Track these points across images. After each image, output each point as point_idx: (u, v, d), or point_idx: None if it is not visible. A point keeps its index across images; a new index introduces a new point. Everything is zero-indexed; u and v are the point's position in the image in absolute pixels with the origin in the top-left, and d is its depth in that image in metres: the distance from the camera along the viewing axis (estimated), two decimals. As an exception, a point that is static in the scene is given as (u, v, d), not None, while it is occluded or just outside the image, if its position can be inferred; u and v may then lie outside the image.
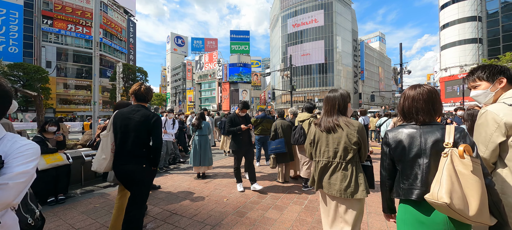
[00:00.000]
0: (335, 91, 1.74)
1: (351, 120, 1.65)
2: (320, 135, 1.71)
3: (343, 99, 1.70)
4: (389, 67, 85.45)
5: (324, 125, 1.69)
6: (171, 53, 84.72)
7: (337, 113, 1.68)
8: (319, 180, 1.71)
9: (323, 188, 1.68)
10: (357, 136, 1.58)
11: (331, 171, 1.64)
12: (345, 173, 1.59)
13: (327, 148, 1.66)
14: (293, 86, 15.61)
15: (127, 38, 47.63)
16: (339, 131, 1.62)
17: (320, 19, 52.23)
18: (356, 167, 1.61)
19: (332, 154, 1.64)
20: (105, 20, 41.01)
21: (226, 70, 56.46)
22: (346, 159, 1.59)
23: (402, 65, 15.01)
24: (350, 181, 1.57)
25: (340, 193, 1.57)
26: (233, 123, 3.75)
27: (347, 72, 56.04)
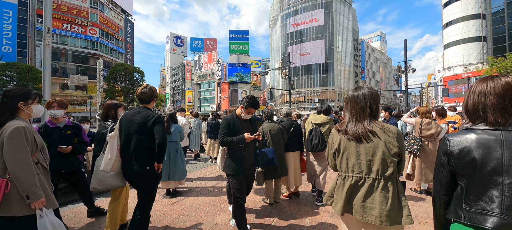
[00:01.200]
0: (362, 89, 1.41)
1: (387, 125, 1.33)
2: (347, 144, 1.38)
3: (374, 99, 1.38)
4: (390, 67, 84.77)
5: (352, 132, 1.35)
6: (170, 54, 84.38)
7: (369, 117, 1.35)
8: (346, 201, 1.35)
9: (353, 213, 1.32)
10: (397, 145, 1.27)
11: (365, 191, 1.29)
12: (385, 193, 1.26)
13: (358, 160, 1.34)
14: (291, 85, 14.90)
15: (124, 38, 47.01)
16: (374, 139, 1.30)
17: (320, 18, 51.62)
18: (397, 185, 1.30)
19: (366, 168, 1.31)
20: (102, 19, 40.39)
21: (225, 70, 56.06)
22: (385, 174, 1.27)
23: (406, 62, 14.26)
24: (392, 204, 1.24)
25: (381, 220, 1.22)
26: (230, 128, 2.35)
27: (348, 72, 55.36)
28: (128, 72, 34.59)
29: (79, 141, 2.59)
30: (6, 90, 1.55)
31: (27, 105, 1.57)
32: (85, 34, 38.37)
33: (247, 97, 2.39)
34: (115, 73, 33.19)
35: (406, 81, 14.60)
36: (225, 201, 3.39)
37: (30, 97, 1.58)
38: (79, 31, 37.77)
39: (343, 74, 53.33)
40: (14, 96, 1.52)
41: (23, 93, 1.57)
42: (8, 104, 1.49)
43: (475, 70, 29.72)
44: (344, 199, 1.35)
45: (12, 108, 1.50)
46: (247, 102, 2.37)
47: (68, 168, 2.48)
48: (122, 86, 34.89)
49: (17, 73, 26.91)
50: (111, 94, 31.96)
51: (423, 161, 3.37)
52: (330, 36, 51.01)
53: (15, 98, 1.52)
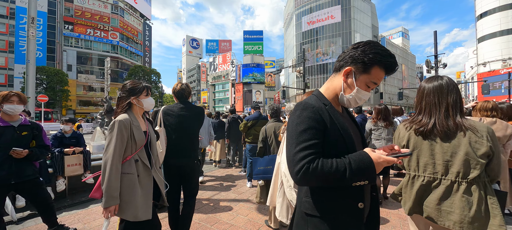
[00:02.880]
0: (441, 78, 1.26)
1: (474, 121, 1.18)
2: (419, 141, 1.26)
3: (454, 89, 1.21)
4: (413, 65, 79.44)
5: (439, 129, 1.19)
6: (187, 56, 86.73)
7: (451, 111, 1.19)
8: (417, 201, 1.27)
9: (425, 214, 1.23)
10: (488, 145, 1.11)
11: (442, 193, 1.18)
12: (467, 198, 1.13)
13: (432, 159, 1.22)
14: (306, 83, 14.05)
15: (142, 41, 48.85)
16: (457, 137, 1.16)
17: (337, 15, 49.70)
18: (485, 189, 1.14)
19: (442, 169, 1.19)
20: (122, 24, 42.24)
21: (239, 71, 56.24)
22: (468, 177, 1.13)
23: (437, 56, 12.77)
24: (478, 211, 1.10)
25: (462, 226, 1.11)
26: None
27: (367, 71, 52.56)
28: (145, 74, 35.75)
29: (38, 144, 2.14)
30: (122, 85, 1.63)
31: (137, 99, 1.59)
32: (107, 39, 40.36)
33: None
34: (134, 75, 34.44)
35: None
36: (218, 222, 2.81)
37: (139, 91, 1.61)
38: (101, 35, 39.82)
39: (362, 73, 50.69)
40: (128, 91, 1.58)
41: (133, 87, 1.60)
42: (123, 99, 1.57)
43: (517, 65, 26.44)
44: (413, 199, 1.28)
45: (127, 103, 1.56)
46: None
47: (21, 178, 1.99)
48: (140, 87, 36.16)
49: (46, 77, 28.84)
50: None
51: None
52: (348, 33, 48.88)
53: (129, 92, 1.58)
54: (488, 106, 2.39)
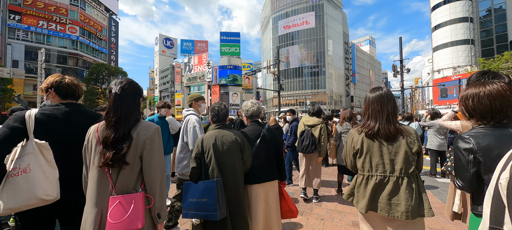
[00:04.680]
0: (382, 89, 1.48)
1: (404, 126, 1.43)
2: (371, 145, 1.43)
3: (394, 99, 1.45)
4: (379, 70, 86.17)
5: (383, 132, 1.39)
6: (160, 55, 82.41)
7: (391, 117, 1.41)
8: (371, 199, 1.40)
9: (379, 210, 1.37)
10: (417, 144, 1.38)
11: (390, 189, 1.35)
12: (409, 189, 1.34)
13: (382, 159, 1.40)
14: (281, 85, 13.81)
15: (108, 38, 44.77)
16: (397, 139, 1.39)
17: (311, 21, 51.47)
18: (418, 181, 1.39)
19: (390, 167, 1.38)
20: (83, 17, 38.15)
21: (216, 72, 54.91)
22: (408, 172, 1.35)
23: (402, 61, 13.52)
24: (416, 199, 1.33)
25: (407, 215, 1.30)
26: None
27: (339, 75, 55.36)
28: (110, 73, 32.53)
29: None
30: None
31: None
32: (64, 33, 35.98)
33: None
34: (95, 74, 31.08)
35: (402, 81, 13.87)
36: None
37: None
38: (57, 29, 35.35)
39: (334, 77, 53.20)
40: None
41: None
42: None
43: (465, 72, 29.90)
44: (368, 197, 1.39)
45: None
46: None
47: None
48: (104, 88, 32.80)
49: (-18, 73, 24.38)
50: (91, 96, 29.84)
51: None
52: (321, 39, 50.87)
53: None
54: None
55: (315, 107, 3.60)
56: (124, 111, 1.12)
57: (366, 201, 1.39)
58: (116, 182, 1.09)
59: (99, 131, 1.14)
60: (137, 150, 1.11)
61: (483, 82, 1.16)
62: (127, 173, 1.10)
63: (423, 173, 5.26)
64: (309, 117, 3.58)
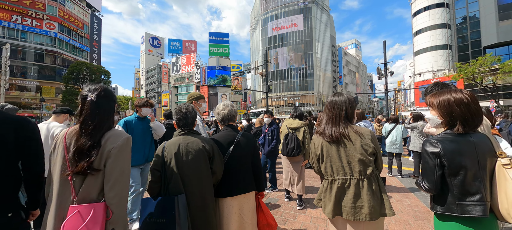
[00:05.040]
0: (341, 95, 1.53)
1: (360, 128, 1.45)
2: (329, 149, 1.45)
3: (351, 104, 1.48)
4: (365, 73, 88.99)
5: (328, 134, 1.44)
6: (146, 55, 79.98)
7: (344, 121, 1.45)
8: (336, 203, 1.39)
9: (344, 214, 1.37)
10: (372, 146, 1.39)
11: (353, 192, 1.36)
12: (371, 191, 1.35)
13: (341, 163, 1.41)
14: (268, 86, 13.73)
15: (90, 35, 42.74)
16: (350, 142, 1.41)
17: (299, 23, 52.15)
18: (379, 181, 1.41)
19: (349, 171, 1.39)
20: (62, 13, 36.14)
21: (204, 73, 54.14)
22: (367, 174, 1.37)
23: (386, 64, 13.92)
24: (378, 199, 1.35)
25: (371, 216, 1.31)
26: None
27: (326, 77, 56.46)
28: (91, 72, 30.95)
29: None
30: None
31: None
32: (41, 29, 33.87)
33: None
34: (75, 73, 29.43)
35: (386, 84, 14.29)
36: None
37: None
38: (33, 25, 33.20)
39: (322, 79, 54.19)
40: None
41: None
42: None
43: (443, 75, 31.48)
44: (333, 202, 1.39)
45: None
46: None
47: None
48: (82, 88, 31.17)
49: None
50: (70, 96, 28.21)
51: None
52: (310, 41, 51.66)
53: None
54: None
55: (297, 110, 3.63)
56: (100, 119, 1.10)
57: (331, 205, 1.39)
58: (79, 190, 1.06)
59: (68, 137, 1.10)
60: (102, 159, 1.07)
61: (452, 90, 1.25)
62: (91, 182, 1.06)
63: (407, 174, 5.31)
64: (292, 119, 3.56)
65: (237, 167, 1.66)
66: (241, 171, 1.67)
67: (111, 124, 1.16)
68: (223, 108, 1.81)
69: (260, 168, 1.81)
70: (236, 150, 1.67)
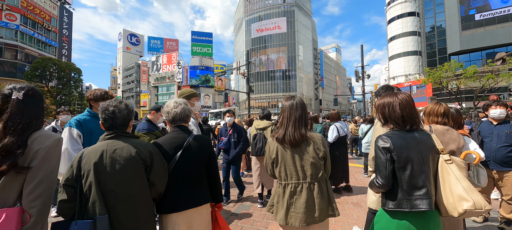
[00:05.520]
0: (294, 98, 1.53)
1: (312, 132, 1.48)
2: (284, 153, 1.44)
3: (303, 107, 1.50)
4: (344, 76, 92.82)
5: (289, 139, 1.42)
6: (123, 52, 75.97)
7: (299, 125, 1.44)
8: (288, 209, 1.38)
9: (296, 220, 1.36)
10: (323, 149, 1.43)
11: (305, 196, 1.36)
12: (321, 194, 1.38)
13: (295, 167, 1.41)
14: (250, 87, 13.54)
15: (59, 29, 39.44)
16: (304, 146, 1.42)
17: (283, 26, 52.89)
18: (327, 184, 1.45)
19: (302, 174, 1.40)
20: (25, 4, 32.92)
21: (186, 73, 52.66)
22: (317, 177, 1.40)
23: (363, 67, 14.47)
24: (326, 201, 1.40)
25: (320, 219, 1.35)
26: None
27: (309, 80, 57.85)
28: (60, 69, 28.44)
29: None
30: None
31: None
32: (0, 20, 30.53)
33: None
34: (40, 70, 26.83)
35: (363, 86, 14.87)
36: None
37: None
38: (-12, 15, 29.80)
39: (305, 81, 55.43)
40: None
41: None
42: None
43: (414, 79, 33.75)
44: (285, 208, 1.38)
45: None
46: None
47: None
48: (51, 86, 28.58)
49: None
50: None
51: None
52: (293, 44, 52.60)
53: None
54: (440, 111, 1.87)
55: (264, 111, 3.77)
56: (26, 119, 1.05)
57: (283, 211, 1.38)
58: None
59: None
60: (26, 160, 1.00)
61: (394, 93, 1.33)
62: (9, 184, 0.98)
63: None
64: (260, 121, 3.70)
65: (187, 176, 1.40)
66: (191, 180, 1.42)
67: (39, 124, 1.10)
68: (175, 106, 1.53)
69: (217, 175, 1.56)
70: (185, 155, 1.41)
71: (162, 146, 1.40)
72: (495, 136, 2.65)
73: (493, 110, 2.69)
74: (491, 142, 2.66)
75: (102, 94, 2.24)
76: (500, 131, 2.63)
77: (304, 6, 57.29)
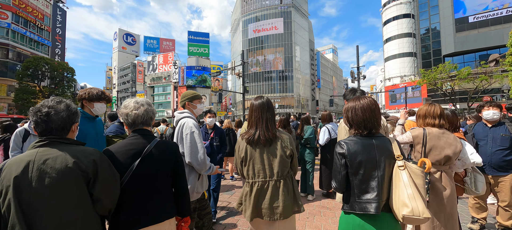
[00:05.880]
0: (262, 98, 1.56)
1: (281, 131, 1.52)
2: (253, 152, 1.48)
3: (272, 107, 1.54)
4: (341, 77, 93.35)
5: (261, 138, 1.45)
6: (119, 52, 75.28)
7: (268, 124, 1.47)
8: (255, 206, 1.42)
9: (263, 216, 1.40)
10: (290, 147, 1.46)
11: (271, 193, 1.40)
12: (286, 191, 1.42)
13: (263, 165, 1.44)
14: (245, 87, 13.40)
15: (52, 28, 38.77)
16: (274, 144, 1.46)
17: (280, 26, 52.94)
18: (293, 181, 1.49)
19: (269, 172, 1.43)
20: (17, 2, 32.27)
21: (183, 73, 52.31)
22: (284, 174, 1.44)
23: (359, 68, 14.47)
24: (292, 198, 1.43)
25: (285, 215, 1.38)
26: None
27: (305, 80, 57.98)
28: (52, 68, 27.90)
29: None
30: None
31: None
32: (-13, 18, 29.86)
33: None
34: (32, 69, 26.28)
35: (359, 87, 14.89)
36: None
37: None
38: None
39: (301, 82, 55.52)
40: None
41: None
42: None
43: (409, 81, 34.00)
44: (252, 205, 1.41)
45: None
46: None
47: None
48: (43, 86, 28.02)
49: None
50: (25, 95, 25.10)
51: (436, 215, 1.69)
52: (289, 44, 52.67)
53: None
54: (436, 112, 1.72)
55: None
56: None
57: (251, 209, 1.41)
58: None
59: None
60: None
61: (358, 97, 1.35)
62: None
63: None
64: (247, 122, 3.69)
65: (147, 188, 1.22)
66: (153, 193, 1.23)
67: None
68: (135, 107, 1.31)
69: (184, 186, 1.38)
70: (145, 164, 1.22)
71: (115, 154, 1.20)
72: (490, 139, 2.52)
73: (486, 112, 2.55)
74: (486, 145, 2.53)
75: (98, 94, 1.99)
76: (495, 133, 2.51)
77: (301, 7, 57.45)
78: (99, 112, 2.04)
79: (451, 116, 1.95)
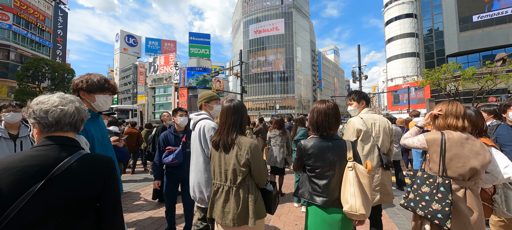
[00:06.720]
0: (232, 101, 1.55)
1: (243, 138, 1.45)
2: (214, 153, 1.51)
3: (240, 111, 1.51)
4: (342, 78, 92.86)
5: (222, 143, 1.46)
6: (121, 53, 75.64)
7: (232, 128, 1.46)
8: (212, 206, 1.50)
9: (215, 217, 1.46)
10: (246, 157, 1.39)
11: (224, 197, 1.43)
12: (237, 199, 1.40)
13: (220, 169, 1.47)
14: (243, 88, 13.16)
15: (53, 29, 38.91)
16: (231, 151, 1.44)
17: (281, 27, 52.76)
18: (249, 192, 1.43)
19: (224, 177, 1.45)
20: (18, 3, 32.40)
21: (184, 74, 52.31)
22: (236, 183, 1.42)
23: (360, 68, 14.14)
24: (243, 208, 1.40)
25: (234, 222, 1.39)
26: None
27: (307, 81, 57.66)
28: (53, 69, 27.88)
29: None
30: None
31: None
32: (-14, 19, 29.97)
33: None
34: (32, 70, 26.26)
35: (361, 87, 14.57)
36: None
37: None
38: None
39: (303, 83, 55.20)
40: None
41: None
42: None
43: (412, 81, 33.51)
44: (210, 204, 1.50)
45: None
46: None
47: None
48: (43, 87, 27.99)
49: None
50: (24, 96, 25.03)
51: None
52: (290, 45, 52.43)
53: None
54: (460, 111, 1.36)
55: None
56: None
57: (209, 207, 1.50)
58: None
59: None
60: None
61: (321, 101, 1.48)
62: None
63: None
64: None
65: (49, 223, 0.75)
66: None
67: None
68: (62, 102, 0.86)
69: (118, 221, 0.90)
70: (48, 190, 0.75)
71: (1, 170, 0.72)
72: None
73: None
74: None
75: (100, 82, 1.46)
76: None
77: (302, 8, 57.25)
78: (103, 108, 1.52)
79: (475, 117, 1.53)
